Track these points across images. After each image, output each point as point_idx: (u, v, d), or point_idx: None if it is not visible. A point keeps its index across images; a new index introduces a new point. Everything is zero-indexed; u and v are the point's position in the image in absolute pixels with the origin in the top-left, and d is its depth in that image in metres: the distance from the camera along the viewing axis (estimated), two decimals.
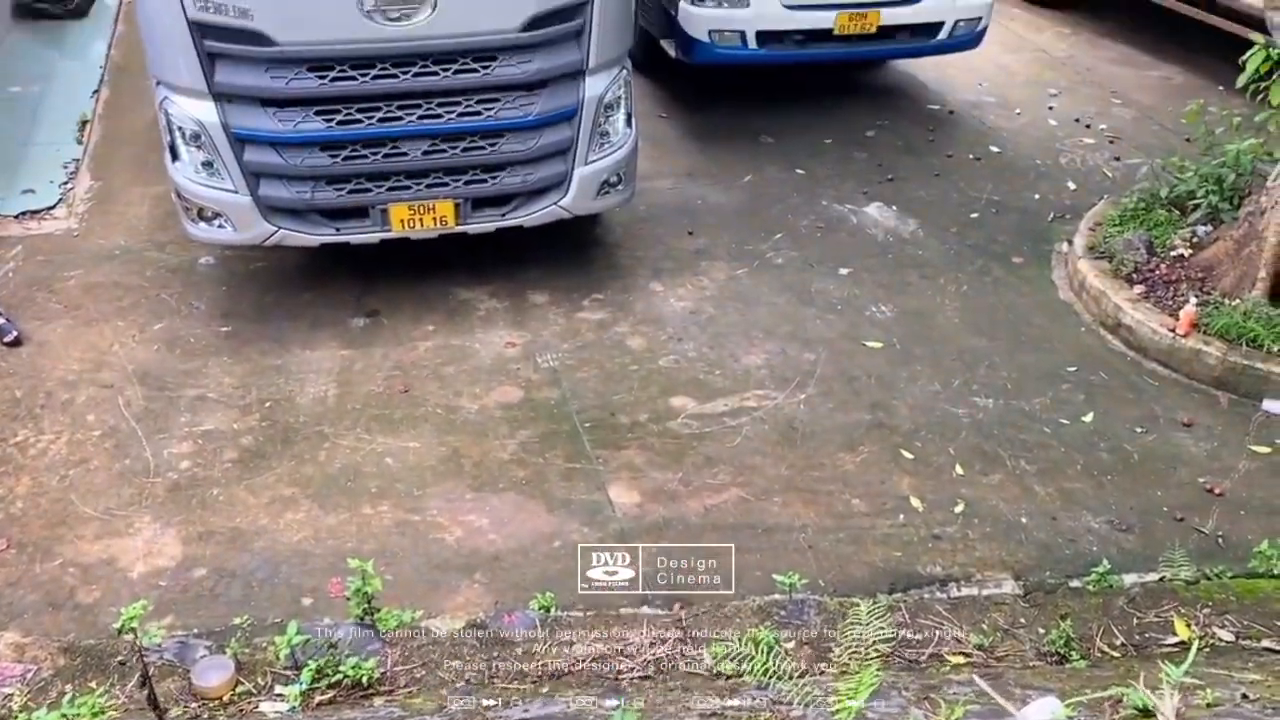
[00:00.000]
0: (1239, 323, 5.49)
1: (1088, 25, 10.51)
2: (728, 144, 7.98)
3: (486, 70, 5.32)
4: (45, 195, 6.82)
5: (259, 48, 4.96)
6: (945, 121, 8.50)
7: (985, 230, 6.93)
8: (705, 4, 7.48)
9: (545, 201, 5.80)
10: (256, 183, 5.33)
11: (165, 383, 5.34)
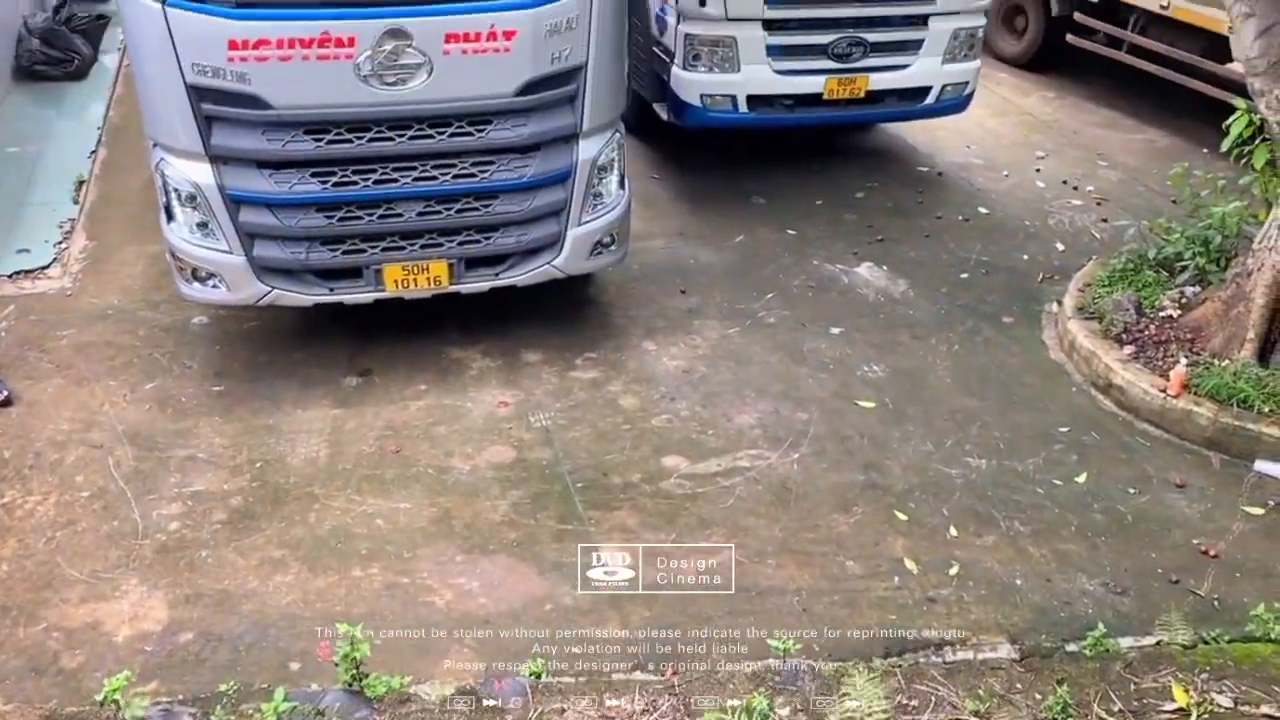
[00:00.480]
0: (1229, 383, 5.51)
1: (1073, 90, 10.70)
2: (720, 205, 8.06)
3: (482, 133, 5.38)
4: (40, 255, 6.84)
5: (256, 111, 5.01)
6: (934, 183, 8.60)
7: (975, 290, 6.98)
8: (697, 69, 7.60)
9: (539, 261, 5.84)
10: (251, 243, 5.36)
11: (156, 443, 5.31)
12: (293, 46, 4.88)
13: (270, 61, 4.88)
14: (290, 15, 4.86)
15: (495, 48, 5.16)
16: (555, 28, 5.24)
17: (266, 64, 4.88)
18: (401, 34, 4.98)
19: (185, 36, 4.83)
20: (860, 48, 7.67)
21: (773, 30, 7.53)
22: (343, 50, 4.94)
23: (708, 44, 7.52)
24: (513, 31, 5.15)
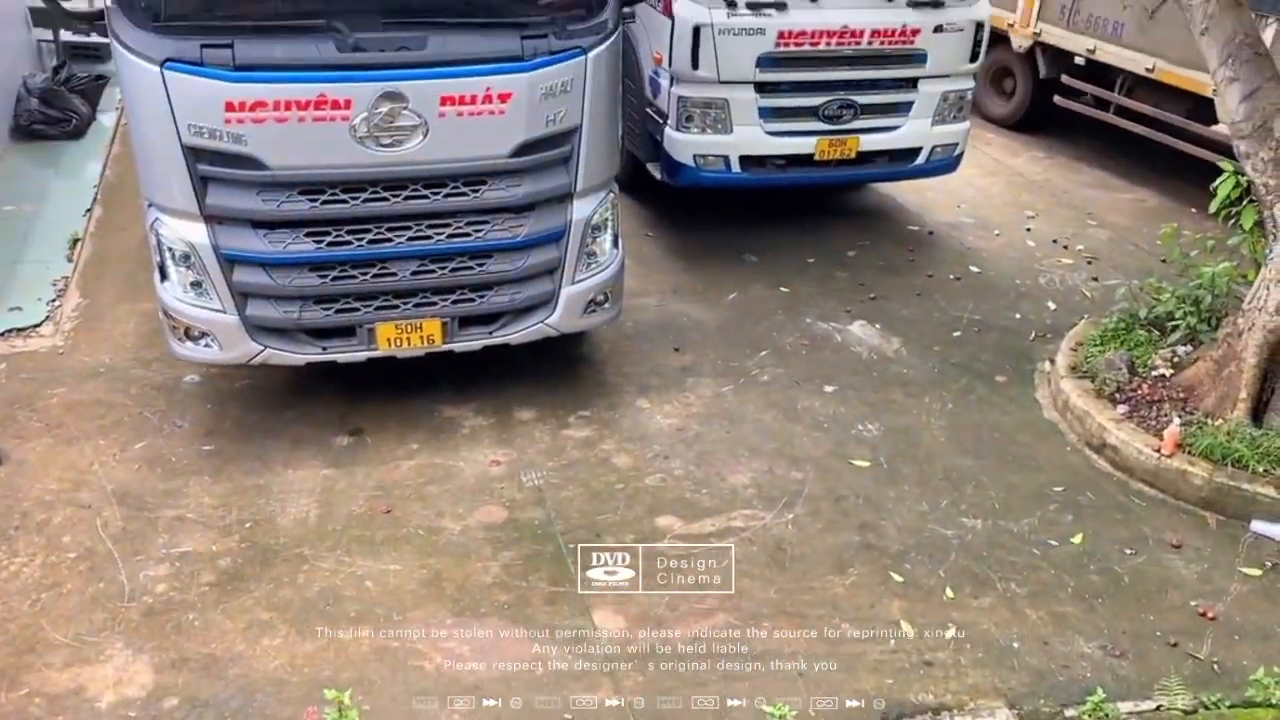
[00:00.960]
0: (1223, 443, 5.51)
1: (1061, 150, 10.84)
2: (713, 262, 8.10)
3: (477, 194, 5.41)
4: (32, 313, 6.83)
5: (252, 172, 5.04)
6: (925, 242, 8.66)
7: (968, 349, 7.00)
8: (690, 130, 7.67)
9: (532, 320, 5.84)
10: (244, 302, 5.36)
11: (144, 503, 5.26)
12: (289, 109, 4.92)
13: (267, 123, 4.92)
14: (287, 78, 4.90)
15: (491, 110, 5.21)
16: (550, 91, 5.30)
17: (263, 125, 4.92)
18: (397, 96, 5.02)
19: (183, 98, 4.87)
20: (851, 110, 7.77)
21: (764, 93, 7.62)
22: (339, 112, 4.98)
23: (700, 106, 7.60)
24: (508, 94, 5.21)
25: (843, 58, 7.59)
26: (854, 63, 7.64)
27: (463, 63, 5.13)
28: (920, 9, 7.55)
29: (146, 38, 4.84)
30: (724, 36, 7.32)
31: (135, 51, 4.84)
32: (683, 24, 7.30)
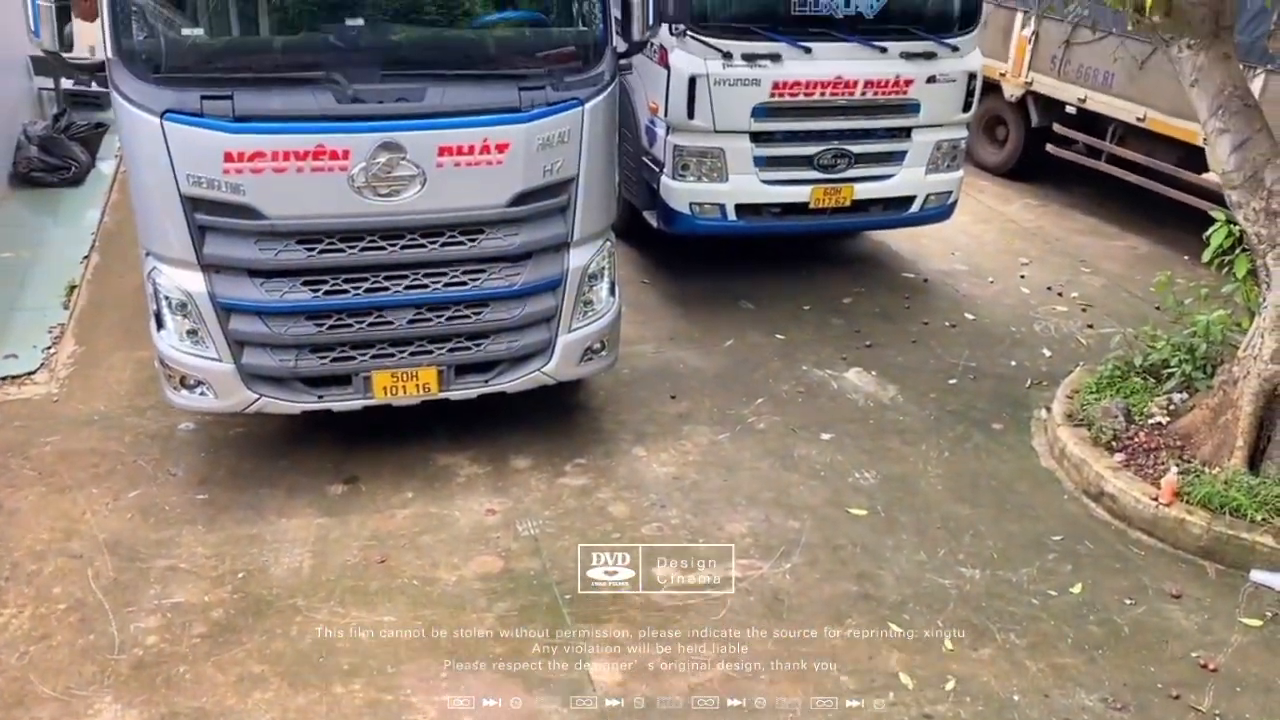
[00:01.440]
0: (1221, 492, 5.50)
1: (1055, 197, 10.92)
2: (709, 309, 8.12)
3: (474, 243, 5.44)
4: (27, 360, 6.82)
5: (249, 221, 5.05)
6: (920, 289, 8.70)
7: (964, 396, 7.00)
8: (686, 179, 7.73)
9: (529, 368, 5.84)
10: (240, 351, 5.35)
11: (137, 553, 5.21)
12: (287, 159, 4.95)
13: (265, 173, 4.94)
14: (286, 129, 4.93)
15: (488, 160, 5.25)
16: (547, 141, 5.34)
17: (261, 176, 4.94)
18: (396, 147, 5.05)
19: (182, 149, 4.89)
20: (845, 159, 7.83)
21: (759, 142, 7.68)
22: (337, 162, 5.01)
23: (696, 155, 7.66)
24: (505, 145, 5.24)
25: (837, 108, 7.67)
26: (848, 113, 7.72)
27: (461, 114, 5.17)
28: (913, 60, 7.64)
29: (147, 89, 4.88)
30: (719, 87, 7.40)
31: (135, 103, 4.87)
32: (679, 75, 7.38)
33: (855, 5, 7.55)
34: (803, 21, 7.49)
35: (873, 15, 7.60)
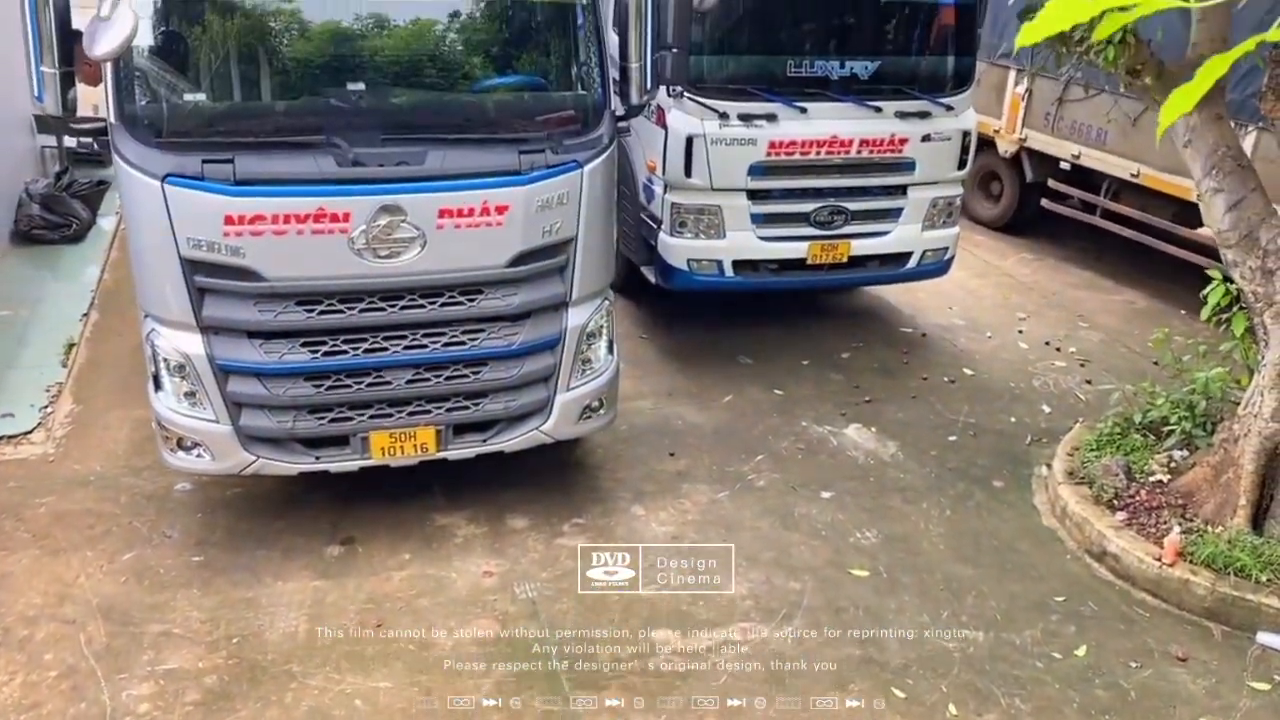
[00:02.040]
0: (1225, 552, 5.46)
1: (1050, 251, 10.98)
2: (707, 364, 8.12)
3: (473, 303, 5.45)
4: (24, 419, 6.79)
5: (249, 283, 5.06)
6: (918, 344, 8.71)
7: (964, 453, 6.98)
8: (684, 235, 7.77)
9: (527, 427, 5.82)
10: (238, 412, 5.34)
11: (130, 617, 5.15)
12: (288, 221, 4.97)
13: (265, 236, 4.96)
14: (287, 192, 4.96)
15: (488, 222, 5.27)
16: (547, 203, 5.37)
17: (261, 238, 4.96)
18: (396, 209, 5.08)
19: (182, 212, 4.91)
20: (841, 215, 7.88)
21: (756, 199, 7.74)
22: (337, 225, 5.03)
23: (693, 212, 7.71)
24: (505, 206, 5.27)
25: (833, 166, 7.73)
26: (844, 171, 7.78)
27: (461, 176, 5.20)
28: (908, 119, 7.72)
29: (148, 153, 4.90)
30: (716, 146, 7.47)
31: (137, 166, 4.90)
32: (676, 135, 7.45)
33: (850, 67, 7.65)
34: (798, 82, 7.58)
35: (867, 76, 7.70)
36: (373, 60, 5.42)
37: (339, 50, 5.36)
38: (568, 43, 5.70)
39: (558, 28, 5.73)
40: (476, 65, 5.67)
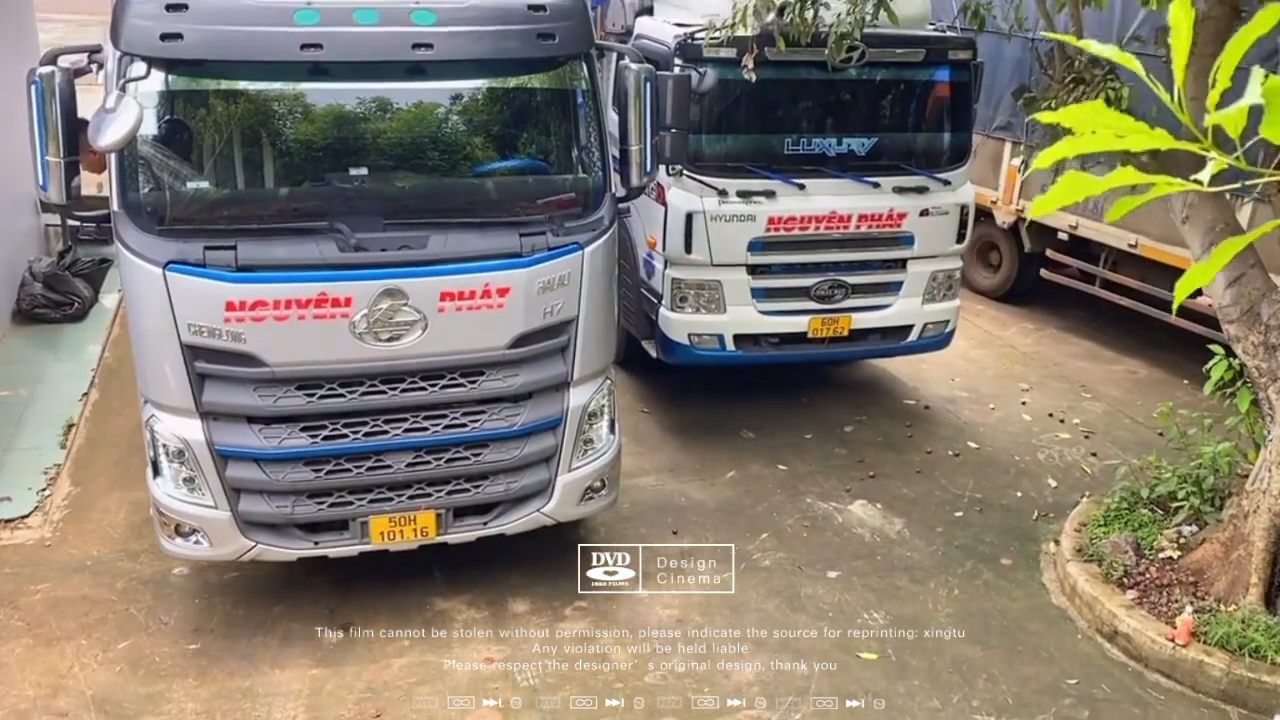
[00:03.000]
0: (1239, 632, 5.36)
1: (1051, 321, 10.98)
2: (709, 439, 8.07)
3: (474, 384, 5.43)
4: (21, 503, 6.73)
5: (250, 369, 5.05)
6: (922, 416, 8.67)
7: (971, 530, 6.90)
8: (684, 310, 7.78)
9: (528, 509, 5.76)
10: (237, 498, 5.29)
11: (124, 709, 5.05)
12: (289, 307, 4.98)
13: (266, 321, 4.96)
14: (289, 278, 4.97)
15: (489, 304, 5.28)
16: (548, 284, 5.38)
17: (263, 324, 4.96)
18: (398, 293, 5.09)
19: (184, 298, 4.92)
20: (842, 290, 7.90)
21: (756, 274, 7.76)
22: (339, 310, 5.03)
23: (694, 287, 7.73)
24: (506, 289, 5.28)
25: (832, 241, 7.77)
26: (843, 245, 7.81)
27: (463, 260, 5.22)
28: (905, 194, 7.77)
29: (151, 241, 4.92)
30: (716, 223, 7.51)
31: (139, 254, 4.91)
32: (676, 212, 7.50)
33: (847, 144, 7.73)
34: (796, 159, 7.66)
35: (864, 152, 7.78)
36: (375, 144, 5.46)
37: (341, 135, 5.41)
38: (568, 125, 5.76)
39: (558, 111, 5.79)
40: (478, 148, 5.72)
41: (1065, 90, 6.03)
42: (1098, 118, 1.44)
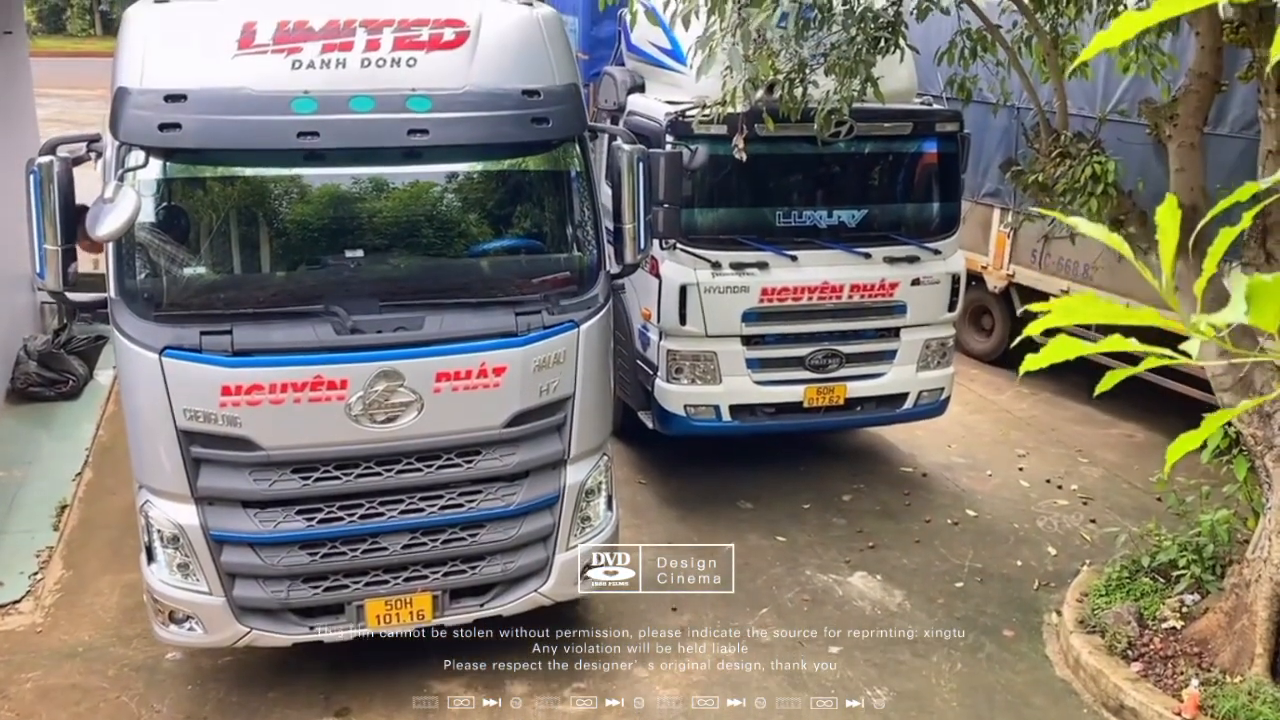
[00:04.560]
0: (1246, 704, 5.30)
1: (1045, 384, 10.97)
2: (707, 509, 8.03)
3: (470, 464, 5.41)
4: (13, 588, 6.66)
5: (245, 453, 5.04)
6: (919, 484, 8.65)
7: (972, 601, 6.84)
8: (680, 381, 7.79)
9: (526, 589, 5.71)
10: (231, 583, 5.23)
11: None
12: (285, 390, 4.98)
13: (262, 405, 4.96)
14: (285, 361, 4.98)
15: (485, 384, 5.28)
16: (544, 363, 5.39)
17: (258, 408, 4.96)
18: (394, 375, 5.09)
19: (179, 384, 4.92)
20: (836, 359, 7.92)
21: (751, 344, 7.79)
22: (335, 392, 5.04)
23: (689, 359, 7.75)
24: (502, 368, 5.29)
25: (825, 310, 7.81)
26: (836, 315, 7.85)
27: (458, 340, 5.24)
28: (897, 264, 7.83)
29: (147, 327, 4.94)
30: (710, 295, 7.55)
31: (135, 340, 4.93)
32: (670, 284, 7.55)
33: (837, 215, 7.82)
34: (788, 231, 7.74)
35: (855, 224, 7.86)
36: (371, 225, 5.51)
37: (337, 216, 5.46)
38: (562, 204, 5.81)
39: (552, 190, 5.86)
40: (473, 228, 5.77)
41: (1052, 164, 6.12)
42: (1090, 308, 1.48)
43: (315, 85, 4.93)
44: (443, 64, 5.13)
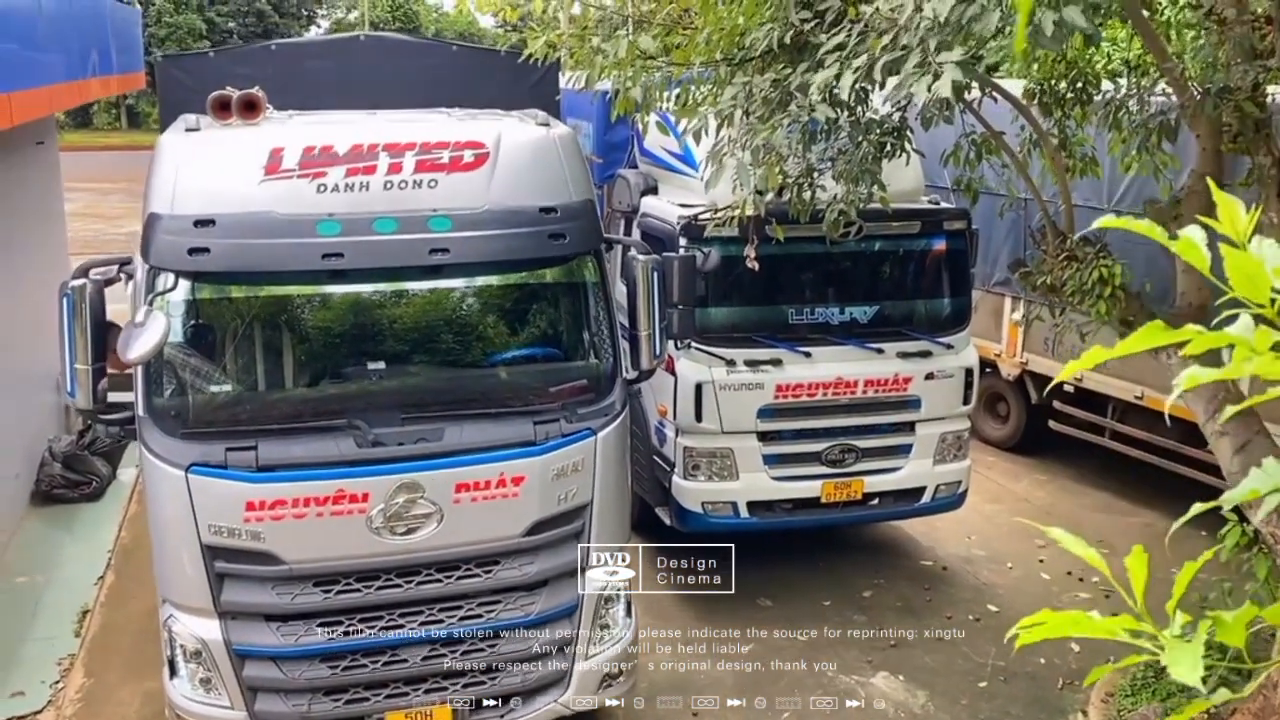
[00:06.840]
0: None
1: (1062, 472, 10.97)
2: (726, 607, 7.92)
3: (489, 574, 5.45)
4: (35, 698, 6.67)
5: (268, 567, 5.10)
6: (940, 579, 8.59)
7: (997, 701, 6.77)
8: (697, 478, 7.83)
9: (546, 699, 5.70)
10: (254, 698, 5.25)
11: None
12: (307, 505, 5.06)
13: (285, 520, 5.04)
14: (308, 476, 5.07)
15: (504, 493, 5.35)
16: (562, 471, 5.46)
17: (281, 522, 5.04)
18: (414, 487, 5.17)
19: (205, 500, 5.01)
20: (852, 454, 7.96)
21: (767, 441, 7.85)
22: (356, 505, 5.11)
23: (706, 455, 7.81)
24: (521, 478, 5.36)
25: (840, 406, 7.88)
26: (851, 410, 7.92)
27: (477, 450, 5.32)
28: (909, 359, 7.92)
29: (174, 444, 5.05)
30: (725, 392, 7.64)
31: (162, 458, 5.04)
32: (685, 381, 7.64)
33: (849, 312, 7.93)
34: (801, 328, 7.85)
35: (867, 320, 7.97)
36: (392, 339, 5.64)
37: (359, 332, 5.60)
38: (579, 315, 5.94)
39: (569, 301, 5.99)
40: (492, 340, 5.89)
41: (1059, 266, 6.22)
42: (1076, 624, 1.68)
43: (340, 208, 5.10)
44: (463, 185, 5.30)
